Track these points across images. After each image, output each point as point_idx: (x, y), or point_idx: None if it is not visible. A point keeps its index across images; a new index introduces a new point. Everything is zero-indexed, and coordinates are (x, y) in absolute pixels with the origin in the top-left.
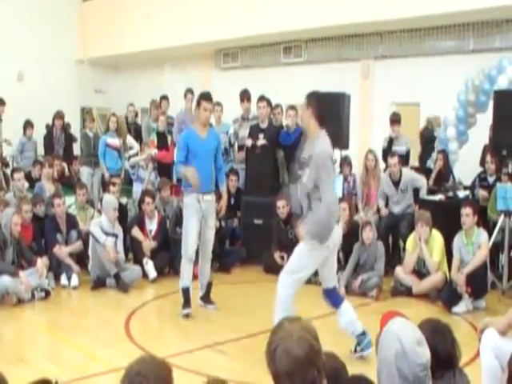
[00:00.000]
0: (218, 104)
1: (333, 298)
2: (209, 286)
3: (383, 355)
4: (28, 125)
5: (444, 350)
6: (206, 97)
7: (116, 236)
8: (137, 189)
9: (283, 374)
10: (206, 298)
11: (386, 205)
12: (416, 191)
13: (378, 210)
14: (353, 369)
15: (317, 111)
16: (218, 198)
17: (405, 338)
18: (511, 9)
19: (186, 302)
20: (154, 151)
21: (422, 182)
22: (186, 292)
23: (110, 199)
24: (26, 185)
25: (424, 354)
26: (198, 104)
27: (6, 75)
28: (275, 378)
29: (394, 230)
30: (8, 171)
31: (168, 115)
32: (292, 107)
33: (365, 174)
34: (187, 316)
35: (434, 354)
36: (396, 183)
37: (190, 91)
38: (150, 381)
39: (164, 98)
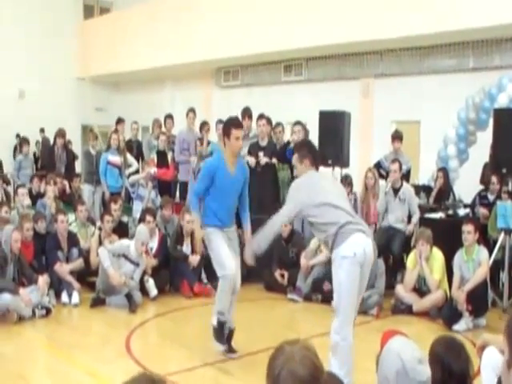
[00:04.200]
0: (220, 122)
1: None
2: (231, 333)
3: (384, 373)
4: (24, 142)
5: (458, 368)
6: (235, 124)
7: (137, 265)
8: (137, 207)
9: None
10: (228, 346)
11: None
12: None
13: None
14: None
15: (312, 158)
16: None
17: (406, 357)
18: (511, 27)
19: (221, 334)
20: (153, 170)
21: (417, 211)
22: (221, 328)
23: (142, 231)
24: (28, 202)
25: (425, 372)
26: (227, 133)
27: (7, 93)
28: None
29: (386, 249)
30: (9, 189)
31: (170, 134)
32: (298, 123)
33: (364, 192)
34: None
35: (448, 372)
36: (395, 191)
37: (191, 110)
38: None
39: (169, 117)
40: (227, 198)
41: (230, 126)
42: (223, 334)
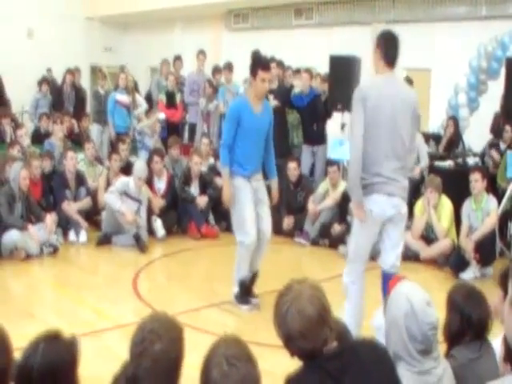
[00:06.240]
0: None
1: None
2: (254, 277)
3: (392, 316)
4: (44, 81)
5: (478, 318)
6: (263, 65)
7: (140, 202)
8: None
9: (297, 335)
10: (249, 290)
11: None
12: None
13: None
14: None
15: (385, 52)
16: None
17: (414, 299)
18: None
19: (244, 297)
20: (161, 116)
21: (426, 157)
22: (243, 285)
23: (139, 167)
24: (28, 142)
25: (433, 313)
26: (253, 73)
27: (16, 32)
28: (288, 339)
29: None
30: None
31: (179, 74)
32: (307, 70)
33: None
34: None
35: (467, 321)
36: None
37: (202, 52)
38: (163, 340)
39: (178, 58)
40: (253, 140)
41: (257, 66)
42: (246, 297)
